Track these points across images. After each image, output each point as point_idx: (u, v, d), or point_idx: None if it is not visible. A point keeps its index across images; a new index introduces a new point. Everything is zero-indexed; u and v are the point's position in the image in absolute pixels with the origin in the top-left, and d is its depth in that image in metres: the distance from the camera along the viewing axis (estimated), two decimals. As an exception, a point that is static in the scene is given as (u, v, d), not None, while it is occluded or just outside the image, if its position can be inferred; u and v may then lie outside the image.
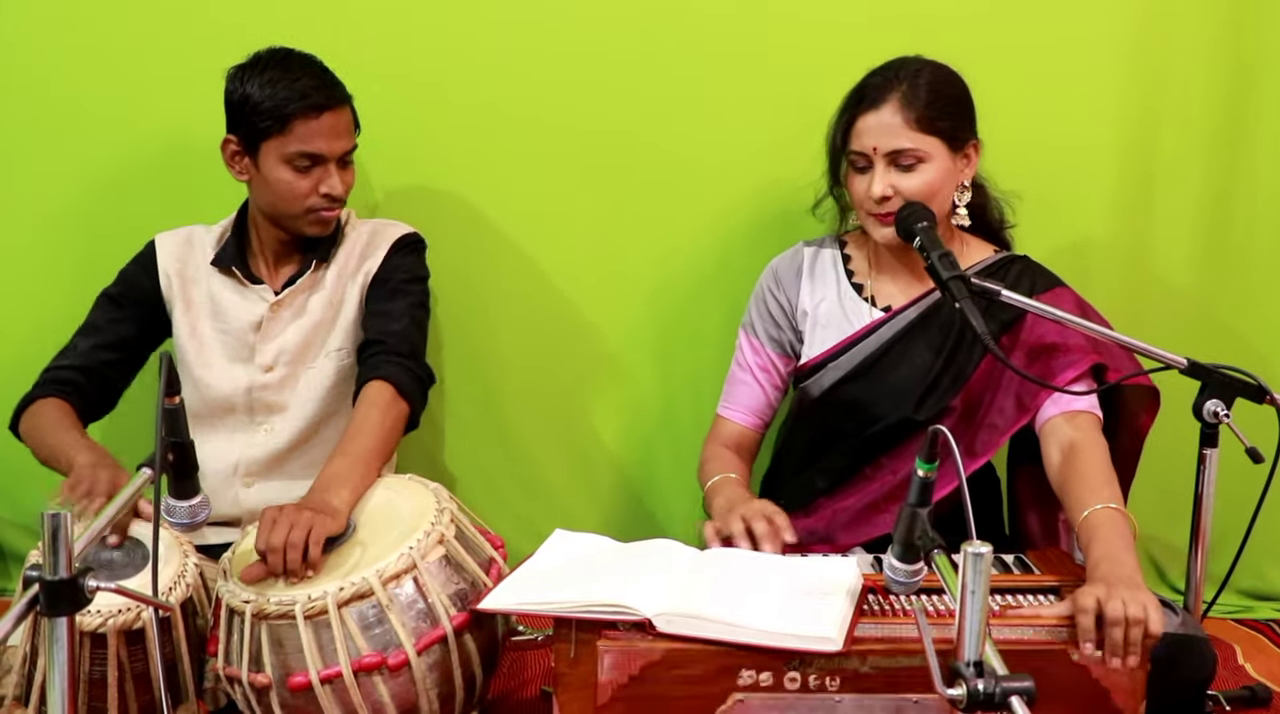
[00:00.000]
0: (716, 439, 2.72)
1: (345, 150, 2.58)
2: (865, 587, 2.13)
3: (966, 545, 1.55)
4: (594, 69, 2.96)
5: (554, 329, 3.08)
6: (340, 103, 2.56)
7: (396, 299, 2.63)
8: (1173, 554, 3.06)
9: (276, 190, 2.56)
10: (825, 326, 2.63)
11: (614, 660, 1.99)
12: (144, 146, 2.96)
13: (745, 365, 2.71)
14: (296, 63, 2.54)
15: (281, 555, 2.12)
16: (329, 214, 2.60)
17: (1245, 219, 3.03)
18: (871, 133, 2.45)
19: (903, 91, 2.44)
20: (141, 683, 2.20)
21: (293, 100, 2.49)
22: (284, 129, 2.51)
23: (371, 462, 2.37)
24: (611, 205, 3.03)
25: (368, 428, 2.41)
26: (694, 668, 1.99)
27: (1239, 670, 2.72)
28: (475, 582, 2.22)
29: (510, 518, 2.98)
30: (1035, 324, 2.50)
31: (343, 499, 2.25)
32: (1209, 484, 2.39)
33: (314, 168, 2.54)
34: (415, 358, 2.59)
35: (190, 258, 2.70)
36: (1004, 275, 2.55)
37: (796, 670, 1.99)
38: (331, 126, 2.54)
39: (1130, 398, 2.56)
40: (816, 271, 2.68)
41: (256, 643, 2.12)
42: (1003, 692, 1.53)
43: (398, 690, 2.12)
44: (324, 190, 2.56)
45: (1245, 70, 2.97)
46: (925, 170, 2.45)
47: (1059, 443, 2.42)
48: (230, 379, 2.65)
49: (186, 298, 2.68)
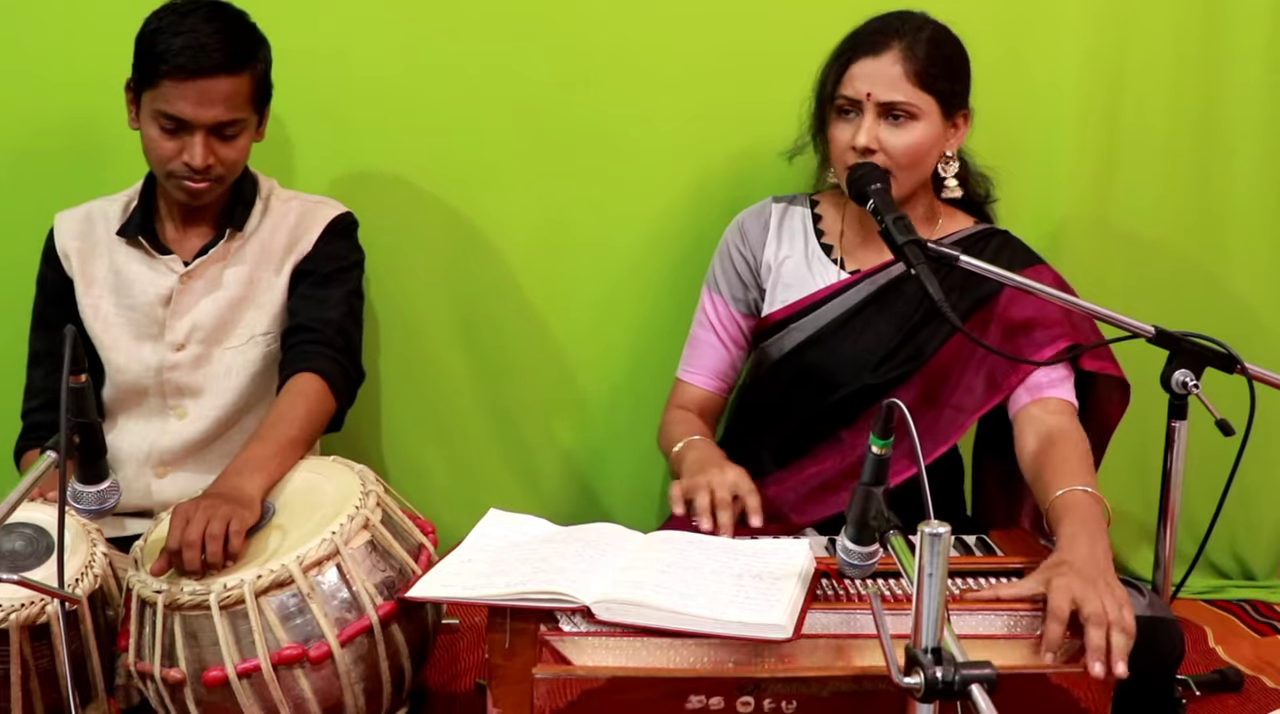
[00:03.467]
0: (677, 403, 2.66)
1: (218, 121, 2.41)
2: (818, 571, 2.07)
3: (923, 525, 1.51)
4: (536, 25, 2.87)
5: (487, 301, 2.99)
6: (223, 70, 2.37)
7: (332, 286, 2.54)
8: (1141, 532, 3.02)
9: (146, 144, 2.43)
10: (789, 285, 2.58)
11: (550, 688, 1.90)
12: (49, 111, 2.83)
13: (707, 324, 2.65)
14: (200, 16, 2.37)
15: (199, 550, 2.04)
16: (194, 185, 2.44)
17: (1221, 174, 2.97)
18: (867, 79, 2.39)
19: (906, 43, 2.39)
20: (48, 680, 2.12)
21: (170, 55, 2.33)
22: (154, 84, 2.37)
23: (290, 453, 2.29)
24: (550, 169, 2.93)
25: (292, 416, 2.34)
26: (639, 693, 1.90)
27: (1210, 653, 2.70)
28: (403, 569, 2.14)
29: (441, 502, 2.91)
30: (1011, 301, 2.46)
31: (257, 486, 2.18)
32: (1178, 459, 2.36)
33: (179, 132, 2.40)
34: (349, 353, 2.51)
35: (90, 233, 2.58)
36: (981, 248, 2.50)
37: (750, 694, 1.91)
38: (202, 93, 2.36)
39: (1102, 391, 2.53)
40: (784, 228, 2.62)
41: (169, 636, 2.06)
42: (962, 679, 1.49)
43: (320, 684, 2.05)
44: (184, 158, 2.41)
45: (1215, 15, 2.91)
46: (915, 129, 2.39)
47: (1035, 430, 2.38)
48: (139, 359, 2.54)
49: (86, 276, 2.56)
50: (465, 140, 2.90)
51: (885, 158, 2.38)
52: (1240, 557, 3.10)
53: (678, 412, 2.64)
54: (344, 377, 2.45)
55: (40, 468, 1.89)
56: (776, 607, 1.93)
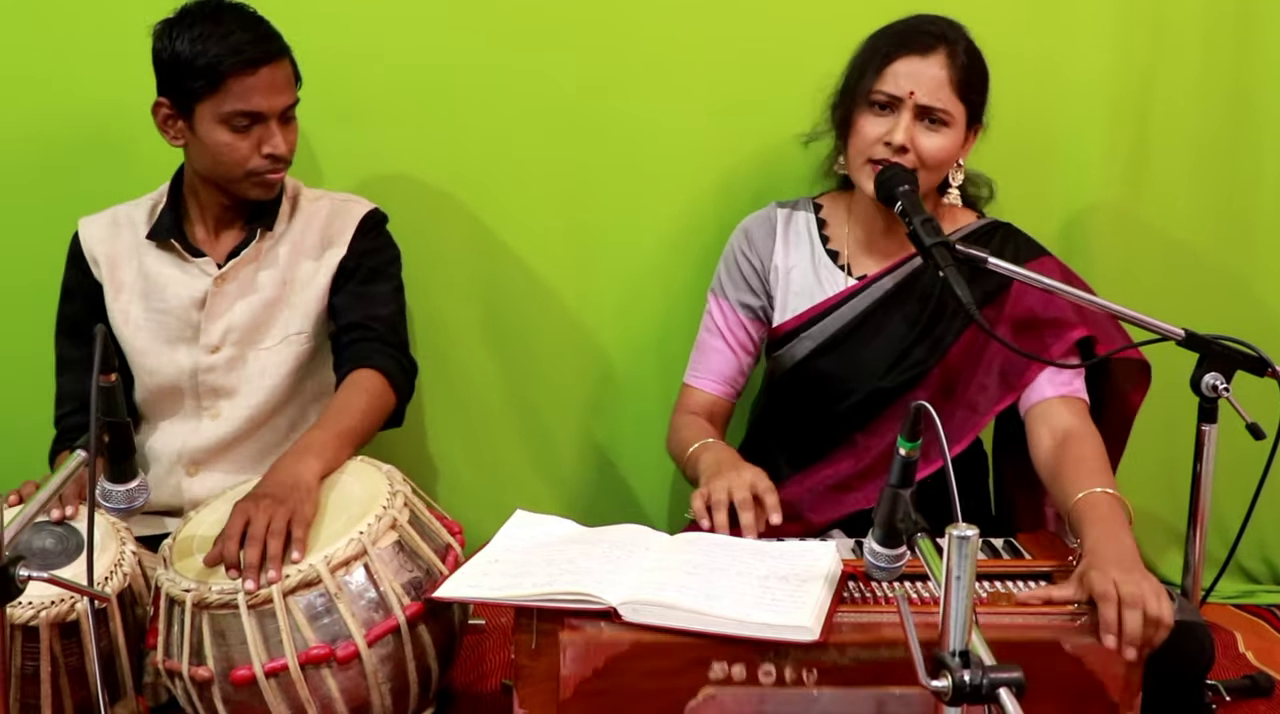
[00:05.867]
0: (686, 408, 2.64)
1: (286, 106, 2.46)
2: (844, 573, 2.06)
3: (951, 529, 1.50)
4: (558, 25, 2.86)
5: (513, 302, 2.98)
6: (279, 55, 2.43)
7: (379, 281, 2.56)
8: (1171, 536, 2.99)
9: (216, 154, 2.43)
10: (798, 293, 2.57)
11: (576, 653, 1.92)
12: (71, 113, 2.84)
13: (714, 330, 2.64)
14: (228, 14, 2.40)
15: (261, 546, 2.04)
16: (274, 177, 2.48)
17: (1250, 173, 2.94)
18: (912, 78, 2.37)
19: (950, 48, 2.39)
20: (77, 678, 2.13)
21: (226, 56, 2.36)
22: (218, 88, 2.37)
23: (349, 442, 2.31)
24: (575, 168, 2.92)
25: (352, 408, 2.36)
26: (663, 661, 1.92)
27: (1240, 659, 2.67)
28: (430, 569, 2.14)
29: (468, 502, 2.91)
30: (1020, 296, 2.44)
31: (314, 471, 2.19)
32: (1208, 462, 2.34)
33: (254, 127, 2.42)
34: (404, 349, 2.54)
35: (117, 238, 2.58)
36: (986, 242, 2.48)
37: (772, 663, 1.92)
38: (270, 81, 2.41)
39: (1119, 373, 2.50)
40: (791, 233, 2.61)
41: (198, 634, 2.06)
42: (990, 683, 1.48)
43: (347, 684, 2.05)
44: (266, 150, 2.43)
45: (1247, 13, 2.88)
46: (947, 135, 2.39)
47: (1050, 428, 2.36)
48: (172, 362, 2.55)
49: (115, 281, 2.57)
50: (490, 141, 2.89)
51: (915, 159, 2.37)
52: (1271, 561, 3.07)
53: (686, 416, 2.62)
54: (403, 372, 2.48)
55: (70, 466, 1.89)
56: (803, 609, 1.92)
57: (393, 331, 2.52)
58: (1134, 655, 1.91)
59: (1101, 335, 2.43)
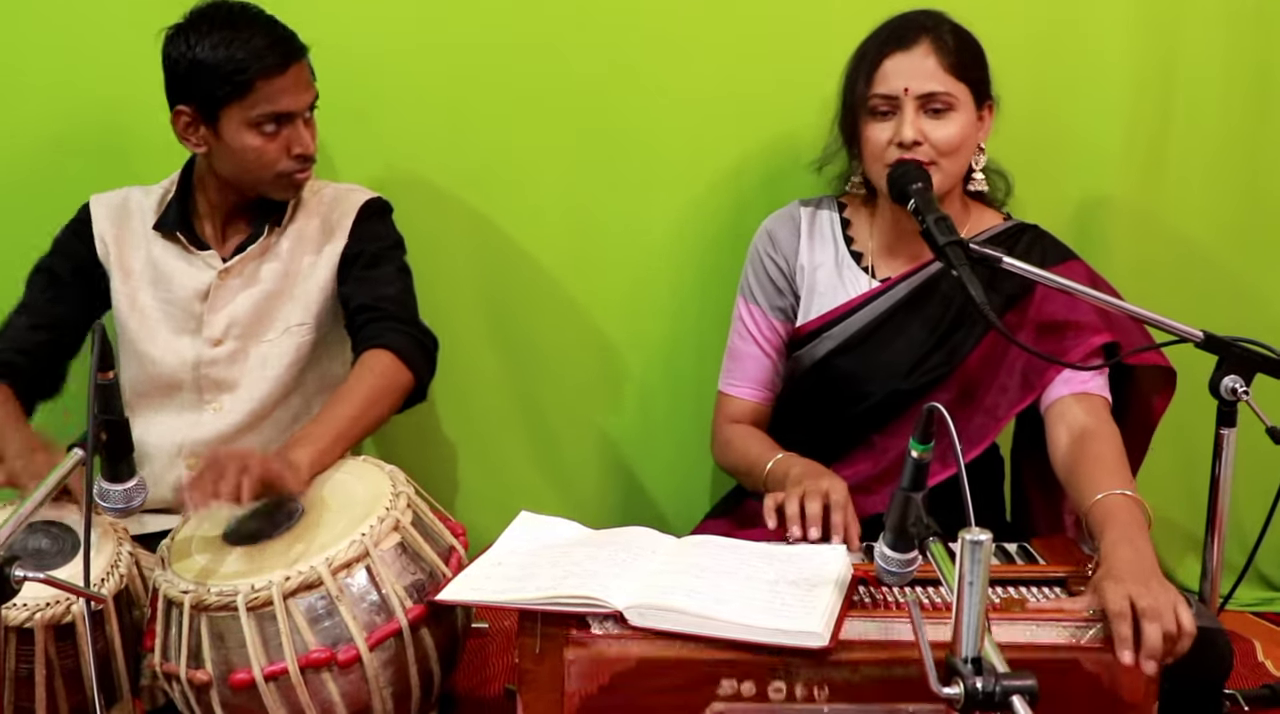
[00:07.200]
0: (729, 417, 2.63)
1: (310, 103, 2.49)
2: (855, 577, 2.04)
3: (964, 533, 1.49)
4: (567, 24, 2.86)
5: (519, 299, 2.99)
6: (300, 54, 2.45)
7: (382, 264, 2.56)
8: (1188, 542, 2.98)
9: (243, 158, 2.44)
10: (822, 293, 2.56)
11: (582, 669, 1.90)
12: (71, 113, 2.84)
13: (746, 335, 2.62)
14: (243, 18, 2.41)
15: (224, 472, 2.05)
16: (301, 176, 2.50)
17: (1270, 169, 2.92)
18: (903, 74, 2.38)
19: (933, 35, 2.39)
20: (72, 681, 2.12)
21: (252, 60, 2.37)
22: (246, 92, 2.39)
23: (347, 428, 2.29)
24: (580, 164, 2.92)
25: (354, 397, 2.33)
26: (670, 677, 1.90)
27: (1258, 667, 2.66)
28: (433, 572, 2.13)
29: (472, 503, 2.92)
30: (1044, 300, 2.43)
31: (303, 456, 2.18)
32: (1226, 467, 2.32)
33: (281, 129, 2.44)
34: (416, 325, 2.52)
35: (127, 222, 2.59)
36: (1013, 245, 2.47)
37: (782, 680, 1.89)
38: (296, 81, 2.43)
39: (1143, 379, 2.49)
40: (815, 232, 2.60)
41: (196, 637, 2.05)
42: (1003, 690, 1.48)
43: (348, 688, 2.04)
44: (297, 151, 2.46)
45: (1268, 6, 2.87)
46: (955, 119, 2.38)
47: (1068, 426, 2.34)
48: (175, 352, 2.55)
49: (124, 266, 2.57)
50: (496, 136, 2.90)
51: (930, 150, 2.37)
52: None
53: (736, 427, 2.61)
54: (417, 346, 2.45)
55: (67, 465, 1.89)
56: (813, 614, 1.90)
57: (402, 308, 2.50)
58: (1154, 669, 1.88)
59: (1125, 341, 2.41)
